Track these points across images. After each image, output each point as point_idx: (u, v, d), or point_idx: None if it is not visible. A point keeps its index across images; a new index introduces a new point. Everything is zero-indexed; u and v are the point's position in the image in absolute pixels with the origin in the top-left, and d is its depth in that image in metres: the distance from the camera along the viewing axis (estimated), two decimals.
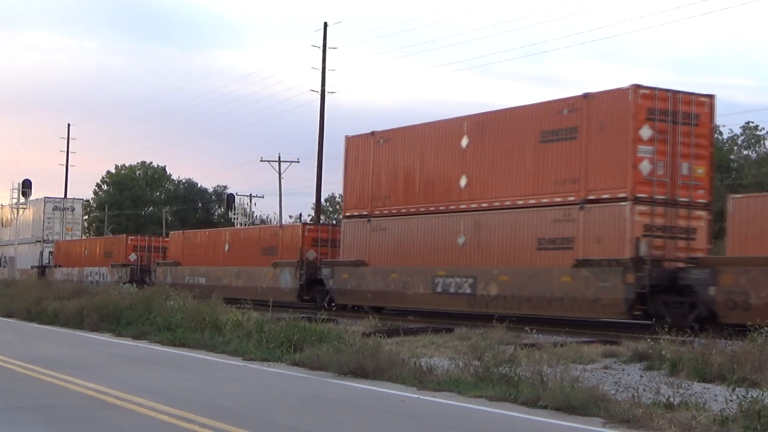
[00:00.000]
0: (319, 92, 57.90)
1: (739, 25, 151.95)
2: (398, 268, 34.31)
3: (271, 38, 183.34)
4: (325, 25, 58.85)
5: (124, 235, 62.94)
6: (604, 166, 27.55)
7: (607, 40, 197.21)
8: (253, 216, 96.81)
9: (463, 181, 32.26)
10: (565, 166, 28.73)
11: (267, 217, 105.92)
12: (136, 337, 27.20)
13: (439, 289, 32.44)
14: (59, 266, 69.66)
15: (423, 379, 16.76)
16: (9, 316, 38.67)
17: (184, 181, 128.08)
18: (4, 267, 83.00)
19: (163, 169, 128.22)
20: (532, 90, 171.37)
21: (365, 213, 36.34)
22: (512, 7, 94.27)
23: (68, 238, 74.95)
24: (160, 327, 27.26)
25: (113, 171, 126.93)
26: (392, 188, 35.30)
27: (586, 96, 28.25)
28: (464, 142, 32.32)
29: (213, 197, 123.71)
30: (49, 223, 77.04)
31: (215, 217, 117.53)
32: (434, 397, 15.30)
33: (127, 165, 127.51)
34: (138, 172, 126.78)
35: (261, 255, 44.36)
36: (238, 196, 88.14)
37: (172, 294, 31.38)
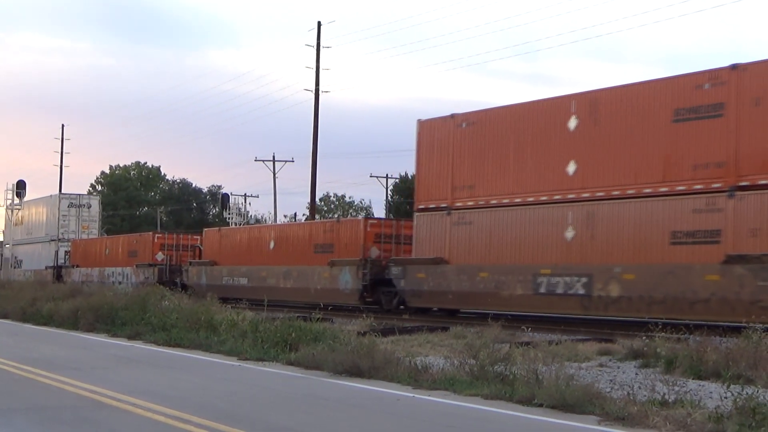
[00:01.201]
0: (313, 91, 57.94)
1: (731, 23, 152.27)
2: (489, 266, 30.51)
3: (265, 38, 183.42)
4: (319, 24, 58.94)
5: (151, 233, 59.06)
6: (761, 148, 24.19)
7: (601, 38, 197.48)
8: (248, 216, 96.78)
9: (570, 168, 28.49)
10: (706, 148, 25.25)
11: (262, 217, 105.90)
12: (131, 338, 27.18)
13: (542, 290, 28.60)
14: (77, 266, 65.89)
15: (418, 378, 16.75)
16: (4, 317, 38.60)
17: (178, 181, 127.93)
18: (14, 268, 79.66)
19: (158, 169, 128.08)
20: (525, 88, 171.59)
21: (444, 205, 32.42)
22: (505, 6, 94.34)
23: (84, 236, 71.11)
24: (155, 327, 27.24)
25: (107, 171, 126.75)
26: (479, 177, 31.31)
27: (734, 67, 24.90)
28: (572, 123, 28.50)
29: (208, 197, 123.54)
30: (64, 220, 72.28)
31: (210, 217, 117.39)
32: (429, 396, 15.30)
33: (121, 165, 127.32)
34: (132, 173, 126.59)
35: (314, 253, 40.53)
36: (233, 196, 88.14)
37: (167, 294, 31.35)
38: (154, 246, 55.91)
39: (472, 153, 31.62)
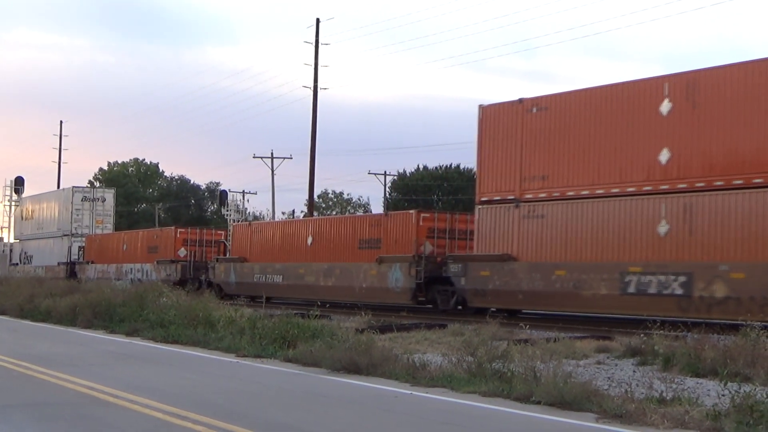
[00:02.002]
0: (312, 88, 57.93)
1: (730, 20, 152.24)
2: (566, 263, 27.91)
3: (263, 34, 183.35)
4: (318, 21, 58.87)
5: (173, 228, 56.30)
6: None
7: (599, 35, 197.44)
8: (245, 212, 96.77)
9: (663, 156, 25.97)
10: None
11: (260, 214, 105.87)
12: (129, 334, 27.18)
13: (631, 289, 26.03)
14: (91, 262, 62.96)
15: (416, 375, 16.76)
16: (2, 313, 38.59)
17: (176, 177, 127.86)
18: (25, 264, 76.37)
19: (156, 165, 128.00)
20: (523, 85, 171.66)
21: (511, 197, 29.73)
22: (504, 3, 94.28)
23: (98, 231, 67.87)
24: (153, 324, 27.25)
25: (106, 168, 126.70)
26: (552, 166, 28.72)
27: None
28: (664, 107, 25.97)
29: (206, 194, 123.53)
30: (77, 215, 68.77)
31: (208, 213, 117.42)
32: (427, 393, 15.31)
33: (119, 162, 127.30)
34: (130, 169, 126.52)
35: (359, 249, 37.66)
36: (231, 193, 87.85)
37: (165, 291, 31.34)
38: (176, 241, 53.30)
39: (545, 140, 29.04)
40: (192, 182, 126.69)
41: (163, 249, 54.10)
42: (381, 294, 35.60)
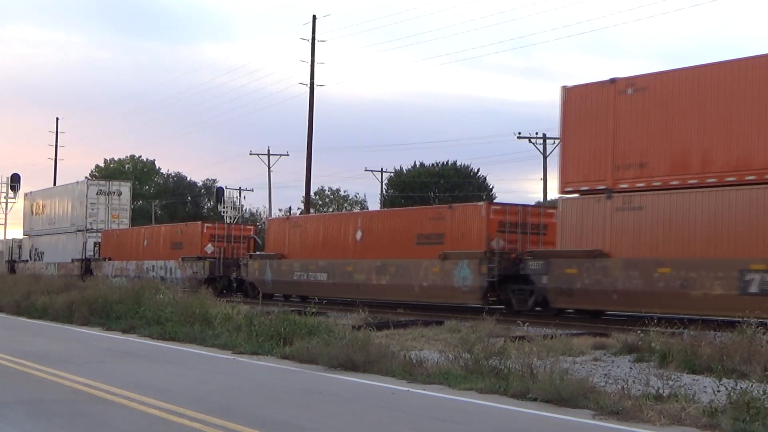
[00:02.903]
0: (308, 85, 57.88)
1: (726, 17, 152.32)
2: (671, 260, 25.27)
3: (260, 31, 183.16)
4: (314, 17, 58.81)
5: (200, 223, 53.40)
6: None
7: (596, 32, 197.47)
8: (242, 209, 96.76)
9: None
10: None
11: (256, 211, 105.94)
12: (125, 331, 27.17)
13: (754, 289, 23.41)
14: (108, 259, 59.79)
15: (413, 372, 16.77)
16: None
17: (173, 174, 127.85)
18: (36, 261, 72.85)
19: (153, 162, 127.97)
20: (520, 82, 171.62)
21: (602, 187, 27.14)
22: (501, 0, 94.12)
23: (114, 226, 64.75)
24: (149, 321, 27.24)
25: (102, 165, 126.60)
26: (652, 153, 26.11)
27: None
28: None
29: (202, 191, 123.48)
30: (92, 209, 65.26)
31: (204, 211, 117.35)
32: (424, 389, 15.31)
33: (116, 159, 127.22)
34: (127, 166, 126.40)
35: (417, 245, 34.72)
36: (228, 190, 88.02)
37: (162, 288, 31.33)
38: (202, 237, 50.25)
39: (642, 124, 26.44)
40: (188, 179, 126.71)
41: (188, 245, 51.31)
42: (445, 293, 32.91)
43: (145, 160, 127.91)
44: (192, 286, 43.53)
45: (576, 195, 28.05)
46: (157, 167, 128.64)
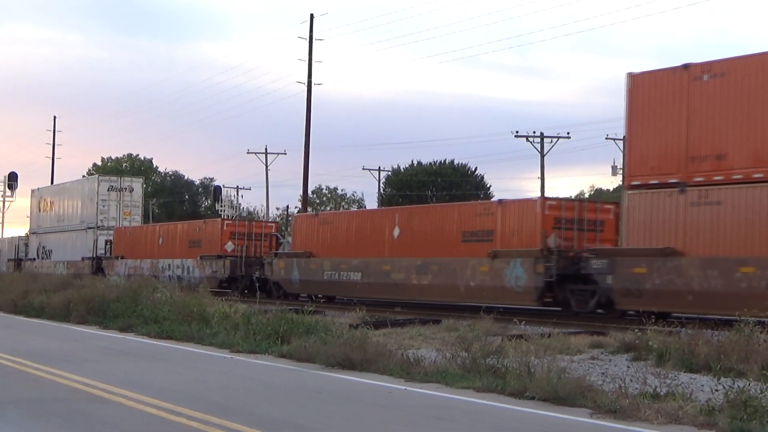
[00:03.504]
0: (306, 84, 57.85)
1: (725, 15, 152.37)
2: (756, 258, 23.52)
3: (257, 30, 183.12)
4: (312, 16, 58.78)
5: (219, 220, 51.62)
6: None
7: (593, 30, 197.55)
8: (240, 208, 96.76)
9: None
10: None
11: (254, 209, 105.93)
12: (123, 330, 27.16)
13: None
14: (121, 258, 57.29)
15: (410, 371, 16.77)
16: None
17: (170, 173, 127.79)
18: (43, 259, 70.71)
19: (150, 161, 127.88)
20: (517, 81, 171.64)
21: (674, 180, 25.39)
22: None
23: (126, 223, 62.26)
24: (147, 319, 27.24)
25: (99, 164, 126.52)
26: (731, 143, 24.32)
27: None
28: None
29: (200, 189, 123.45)
30: (103, 206, 62.82)
31: (202, 209, 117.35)
32: (421, 388, 15.31)
33: (113, 157, 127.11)
34: (124, 165, 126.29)
35: (462, 242, 32.69)
36: (225, 188, 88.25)
37: (159, 286, 31.30)
38: (222, 234, 47.84)
39: (720, 113, 24.63)
40: (186, 178, 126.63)
41: (207, 243, 48.92)
42: (495, 294, 30.80)
43: (142, 158, 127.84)
44: (211, 285, 43.00)
45: (644, 189, 26.30)
46: (154, 166, 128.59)
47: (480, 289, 31.44)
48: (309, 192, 64.37)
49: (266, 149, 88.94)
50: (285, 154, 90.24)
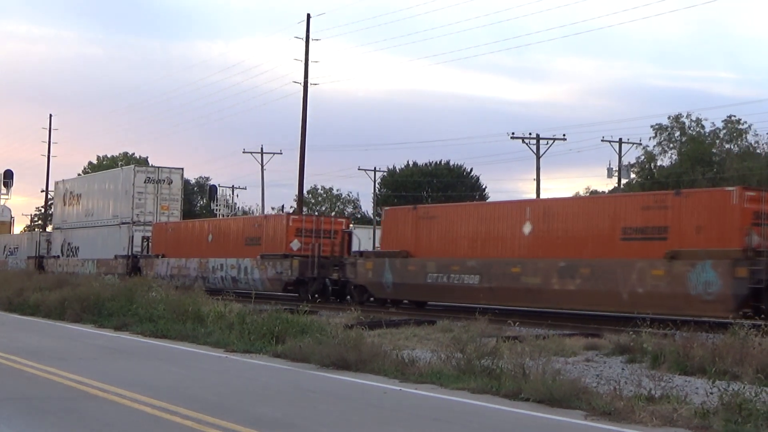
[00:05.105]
0: (302, 84, 57.80)
1: (722, 18, 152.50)
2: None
3: (254, 30, 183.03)
4: (308, 16, 58.68)
5: (284, 215, 47.49)
6: None
7: (590, 33, 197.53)
8: (235, 207, 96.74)
9: None
10: None
11: (249, 209, 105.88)
12: (117, 329, 27.13)
13: None
14: (162, 256, 51.85)
15: (405, 372, 16.77)
16: None
17: None
18: (69, 257, 65.27)
19: (146, 160, 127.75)
20: (513, 82, 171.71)
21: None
22: (494, 0, 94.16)
23: (163, 219, 56.68)
24: (142, 318, 27.21)
25: (95, 162, 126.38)
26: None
27: None
28: None
29: (195, 189, 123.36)
30: (140, 199, 56.96)
31: (197, 208, 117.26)
32: (416, 389, 15.31)
33: (109, 156, 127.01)
34: (120, 163, 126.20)
35: (621, 240, 28.15)
36: (221, 188, 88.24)
37: (154, 285, 31.28)
38: (287, 231, 42.49)
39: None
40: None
41: (268, 240, 43.57)
42: (672, 303, 26.36)
43: (138, 157, 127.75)
44: (275, 288, 40.98)
45: None
46: (150, 164, 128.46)
47: (652, 297, 26.69)
48: (304, 192, 64.32)
49: (262, 149, 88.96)
50: (281, 153, 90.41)
